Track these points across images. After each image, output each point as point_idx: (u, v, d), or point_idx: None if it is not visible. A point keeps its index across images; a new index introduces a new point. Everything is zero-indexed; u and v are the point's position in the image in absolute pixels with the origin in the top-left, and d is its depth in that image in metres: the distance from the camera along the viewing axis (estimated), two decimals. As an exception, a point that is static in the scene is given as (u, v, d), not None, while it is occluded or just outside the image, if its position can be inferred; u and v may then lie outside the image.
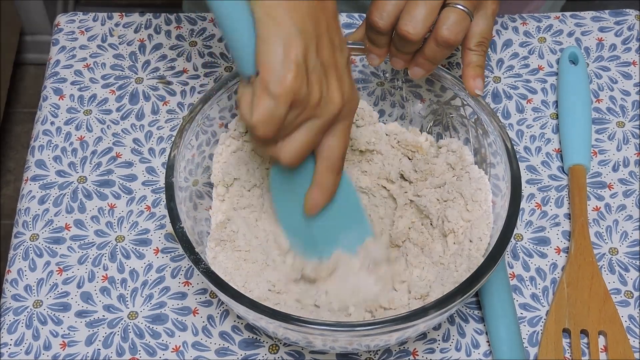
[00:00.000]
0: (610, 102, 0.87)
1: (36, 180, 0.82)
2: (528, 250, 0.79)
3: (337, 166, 0.66)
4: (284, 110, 0.60)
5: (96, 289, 0.76)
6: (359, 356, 0.73)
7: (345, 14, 0.92)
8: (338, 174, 0.67)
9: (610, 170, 0.83)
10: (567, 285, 0.75)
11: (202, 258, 0.65)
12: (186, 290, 0.76)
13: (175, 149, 0.70)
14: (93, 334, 0.74)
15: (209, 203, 0.75)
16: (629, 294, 0.76)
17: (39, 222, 0.80)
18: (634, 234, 0.79)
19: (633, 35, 0.91)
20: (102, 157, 0.84)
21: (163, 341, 0.74)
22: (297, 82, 0.59)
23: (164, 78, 0.89)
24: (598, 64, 0.89)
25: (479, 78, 0.74)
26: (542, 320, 0.75)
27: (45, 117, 0.86)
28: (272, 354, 0.73)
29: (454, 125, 0.77)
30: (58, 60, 0.90)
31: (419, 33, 0.70)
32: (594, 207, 0.81)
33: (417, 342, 0.74)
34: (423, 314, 0.63)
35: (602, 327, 0.73)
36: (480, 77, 0.74)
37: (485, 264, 0.65)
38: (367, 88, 0.80)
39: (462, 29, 0.71)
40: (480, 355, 0.73)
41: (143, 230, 0.79)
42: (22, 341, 0.74)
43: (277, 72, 0.59)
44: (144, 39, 0.91)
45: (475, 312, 0.75)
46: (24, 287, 0.76)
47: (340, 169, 0.67)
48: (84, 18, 0.93)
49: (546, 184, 0.82)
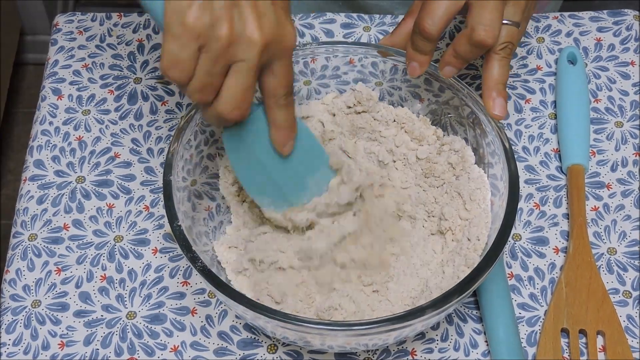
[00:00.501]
0: (608, 102, 0.87)
1: (35, 180, 0.82)
2: (526, 250, 0.79)
3: (285, 101, 0.65)
4: (189, 50, 0.58)
5: (94, 288, 0.76)
6: (358, 356, 0.73)
7: (344, 14, 0.92)
8: (288, 108, 0.65)
9: (608, 170, 0.83)
10: (566, 285, 0.75)
11: (198, 256, 0.65)
12: (185, 290, 0.77)
13: (174, 147, 0.70)
14: (91, 333, 0.74)
15: (207, 203, 0.75)
16: (628, 294, 0.76)
17: (38, 222, 0.80)
18: (633, 233, 0.79)
19: (631, 35, 0.91)
20: (101, 157, 0.84)
21: (161, 341, 0.74)
22: (197, 19, 0.58)
23: (162, 78, 0.89)
24: (596, 64, 0.89)
25: (500, 98, 0.71)
26: (541, 320, 0.75)
27: (44, 117, 0.86)
28: (270, 354, 0.73)
29: (453, 125, 0.77)
30: (57, 60, 0.90)
31: (494, 36, 0.69)
32: (593, 207, 0.81)
33: (416, 341, 0.74)
34: (419, 314, 0.63)
35: (600, 327, 0.73)
36: (502, 97, 0.71)
37: (482, 264, 0.65)
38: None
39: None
40: (478, 355, 0.73)
41: (141, 230, 0.80)
42: (20, 341, 0.74)
43: (177, 13, 0.58)
44: (143, 39, 0.91)
45: (473, 312, 0.75)
46: (23, 287, 0.76)
47: (290, 103, 0.65)
48: (82, 18, 0.93)
49: (545, 184, 0.82)
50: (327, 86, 0.80)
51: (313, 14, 0.93)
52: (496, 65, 0.71)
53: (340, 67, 0.79)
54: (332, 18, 0.92)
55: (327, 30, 0.91)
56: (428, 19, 0.69)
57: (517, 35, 0.71)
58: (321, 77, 0.79)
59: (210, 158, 0.76)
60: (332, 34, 0.91)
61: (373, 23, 0.92)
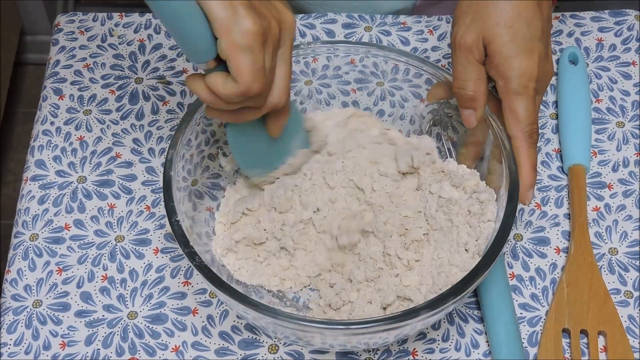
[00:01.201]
0: (610, 102, 0.87)
1: (36, 180, 0.82)
2: (528, 250, 0.79)
3: (288, 88, 0.67)
4: (262, 55, 0.60)
5: (96, 288, 0.76)
6: (359, 356, 0.73)
7: (345, 14, 0.92)
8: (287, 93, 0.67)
9: (610, 171, 0.83)
10: (567, 286, 0.75)
11: (196, 252, 0.65)
12: (186, 290, 0.76)
13: (174, 144, 0.70)
14: (93, 333, 0.74)
15: (208, 203, 0.75)
16: (629, 294, 0.76)
17: (39, 222, 0.80)
18: (634, 234, 0.79)
19: (633, 35, 0.91)
20: (102, 157, 0.84)
21: (163, 341, 0.74)
22: (254, 22, 0.59)
23: (163, 78, 0.89)
24: (598, 64, 0.89)
25: (533, 189, 0.71)
26: (542, 321, 0.75)
27: (45, 117, 0.86)
28: (271, 354, 0.73)
29: (453, 125, 0.77)
30: (58, 60, 0.90)
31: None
32: (594, 207, 0.81)
33: (417, 341, 0.74)
34: (415, 314, 0.63)
35: (601, 327, 0.73)
36: (534, 186, 0.71)
37: (480, 264, 0.65)
38: (367, 88, 0.80)
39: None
40: (479, 355, 0.73)
41: (143, 230, 0.79)
42: (21, 341, 0.74)
43: (233, 26, 0.59)
44: (144, 39, 0.91)
45: (474, 312, 0.75)
46: (24, 287, 0.76)
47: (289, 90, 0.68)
48: (83, 18, 0.93)
49: (546, 184, 0.82)
50: (328, 86, 0.80)
51: (314, 14, 0.93)
52: (525, 146, 0.71)
53: (342, 67, 0.79)
54: (334, 18, 0.92)
55: (329, 30, 0.91)
56: (457, 82, 0.71)
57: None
58: (322, 77, 0.79)
59: (211, 158, 0.76)
60: (334, 34, 0.91)
61: (374, 23, 0.92)
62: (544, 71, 0.70)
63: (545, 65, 0.70)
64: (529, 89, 0.69)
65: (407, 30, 0.91)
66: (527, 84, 0.69)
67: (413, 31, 0.92)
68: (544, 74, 0.70)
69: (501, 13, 0.69)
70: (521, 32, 0.69)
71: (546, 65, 0.70)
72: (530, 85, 0.69)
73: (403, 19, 0.92)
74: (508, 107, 0.70)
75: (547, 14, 0.71)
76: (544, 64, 0.70)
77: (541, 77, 0.70)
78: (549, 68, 0.71)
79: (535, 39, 0.69)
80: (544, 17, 0.70)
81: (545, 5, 0.71)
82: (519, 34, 0.68)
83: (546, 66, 0.70)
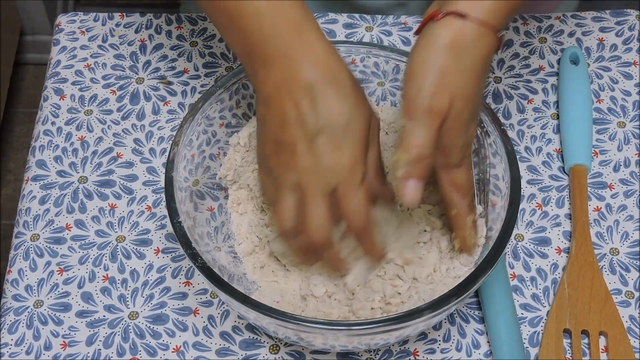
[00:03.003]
0: (611, 103, 0.87)
1: (37, 181, 0.82)
2: (529, 250, 0.79)
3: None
4: (324, 207, 0.65)
5: (97, 289, 0.76)
6: (360, 356, 0.73)
7: (346, 15, 0.92)
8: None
9: (611, 171, 0.83)
10: (568, 286, 0.75)
11: (199, 253, 0.66)
12: (187, 290, 0.76)
13: (176, 144, 0.70)
14: (94, 334, 0.74)
15: (210, 203, 0.75)
16: (630, 295, 0.76)
17: (40, 222, 0.80)
18: (635, 234, 0.79)
19: (634, 35, 0.91)
20: (103, 157, 0.84)
21: (164, 341, 0.74)
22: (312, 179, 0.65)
23: (164, 78, 0.89)
24: (599, 64, 0.89)
25: (475, 247, 0.71)
26: (543, 321, 0.75)
27: (46, 117, 0.86)
28: (272, 354, 0.73)
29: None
30: (59, 60, 0.90)
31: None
32: (595, 207, 0.81)
33: (418, 342, 0.74)
34: (417, 315, 0.63)
35: (602, 328, 0.73)
36: (477, 244, 0.71)
37: (482, 265, 0.65)
38: (368, 88, 0.80)
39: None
40: (480, 356, 0.73)
41: (144, 230, 0.79)
42: (22, 341, 0.74)
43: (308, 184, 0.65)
44: (145, 39, 0.91)
45: (475, 312, 0.75)
46: (25, 287, 0.76)
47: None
48: (84, 18, 0.93)
49: (547, 184, 0.82)
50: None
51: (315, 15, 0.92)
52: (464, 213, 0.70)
53: (343, 67, 0.78)
54: (334, 18, 0.92)
55: (330, 30, 0.91)
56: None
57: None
58: (323, 77, 0.79)
59: (212, 158, 0.76)
60: (335, 34, 0.91)
61: (375, 23, 0.92)
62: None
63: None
64: (467, 158, 0.68)
65: (409, 30, 0.91)
66: (465, 153, 0.67)
67: (414, 31, 0.91)
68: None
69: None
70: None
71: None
72: (467, 153, 0.68)
73: (404, 19, 0.92)
74: (448, 179, 0.68)
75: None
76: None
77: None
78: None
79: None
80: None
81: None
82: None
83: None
